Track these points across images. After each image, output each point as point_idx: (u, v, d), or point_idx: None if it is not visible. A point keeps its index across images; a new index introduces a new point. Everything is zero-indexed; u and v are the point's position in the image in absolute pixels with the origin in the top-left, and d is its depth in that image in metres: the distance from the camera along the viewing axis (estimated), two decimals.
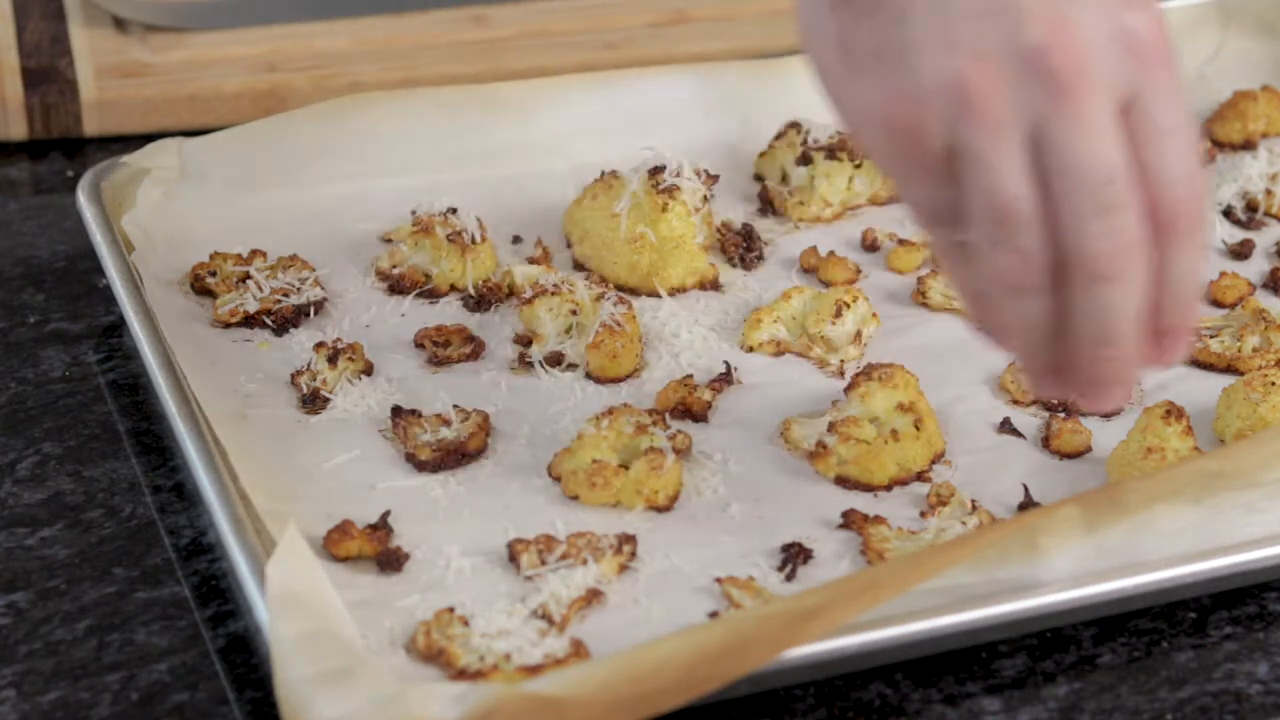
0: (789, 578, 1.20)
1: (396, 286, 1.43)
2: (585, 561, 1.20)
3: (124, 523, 1.26)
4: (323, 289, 1.42)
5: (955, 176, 1.05)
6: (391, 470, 1.28)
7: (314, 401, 1.32)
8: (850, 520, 1.24)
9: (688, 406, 1.33)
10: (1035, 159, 1.03)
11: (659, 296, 1.43)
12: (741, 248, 1.48)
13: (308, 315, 1.40)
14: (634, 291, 1.44)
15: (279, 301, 1.40)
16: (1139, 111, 1.05)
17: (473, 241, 1.43)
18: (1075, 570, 1.17)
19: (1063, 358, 1.08)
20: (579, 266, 1.47)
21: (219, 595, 1.21)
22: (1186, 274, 1.07)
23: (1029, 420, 1.33)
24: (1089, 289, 1.05)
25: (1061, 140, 1.03)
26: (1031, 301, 1.06)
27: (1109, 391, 1.10)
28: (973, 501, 1.25)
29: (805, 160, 1.52)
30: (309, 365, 1.35)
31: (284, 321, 1.39)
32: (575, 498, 1.26)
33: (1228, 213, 1.53)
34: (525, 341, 1.38)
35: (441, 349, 1.38)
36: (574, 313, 1.38)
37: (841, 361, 1.38)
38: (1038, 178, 1.04)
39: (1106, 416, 1.33)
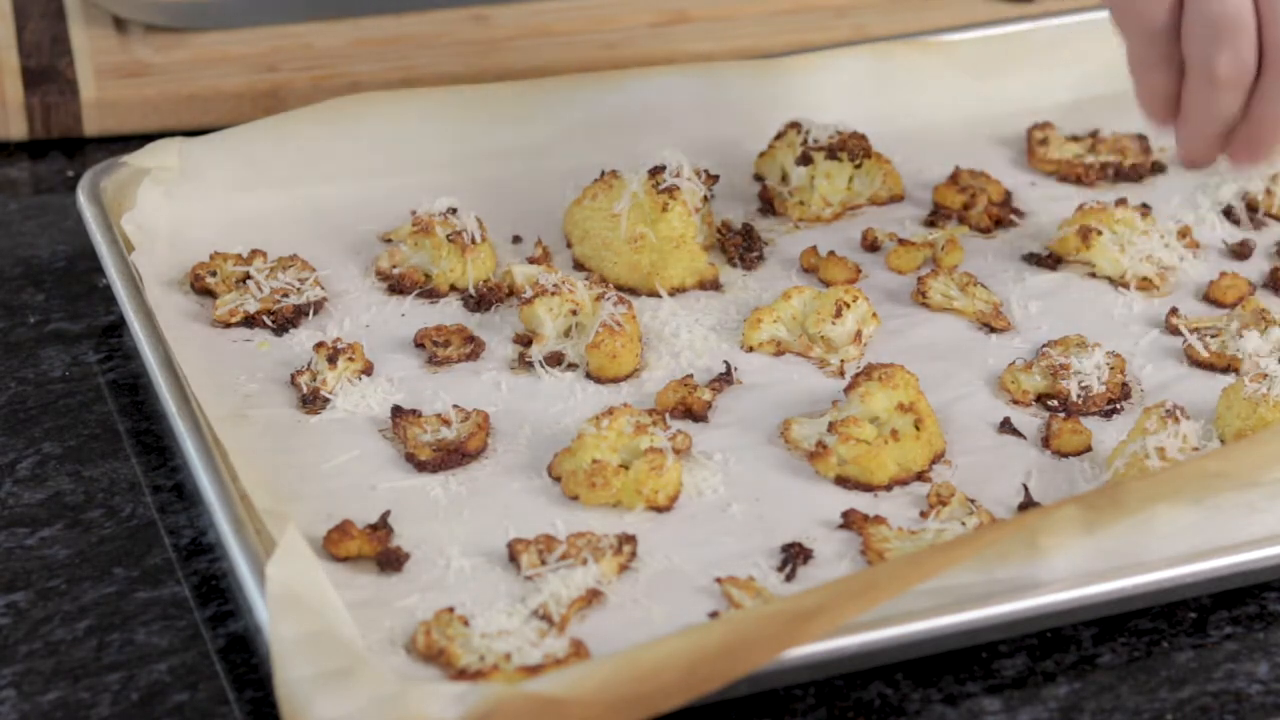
0: (789, 578, 1.20)
1: (396, 286, 1.43)
2: (585, 561, 1.20)
3: (124, 523, 1.26)
4: (323, 289, 1.42)
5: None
6: (391, 470, 1.28)
7: (314, 401, 1.32)
8: (850, 520, 1.24)
9: (688, 406, 1.33)
10: None
11: (659, 296, 1.43)
12: (741, 248, 1.48)
13: (308, 315, 1.40)
14: (634, 291, 1.44)
15: (279, 301, 1.40)
16: None
17: (473, 241, 1.43)
18: (1075, 570, 1.17)
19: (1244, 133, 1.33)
20: (579, 266, 1.46)
21: (219, 595, 1.21)
22: None
23: (1029, 420, 1.33)
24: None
25: None
26: (1235, 94, 1.30)
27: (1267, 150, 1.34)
28: (973, 501, 1.25)
29: (805, 160, 1.52)
30: (309, 365, 1.35)
31: (284, 321, 1.39)
32: (575, 498, 1.26)
33: (1228, 212, 1.53)
34: (525, 341, 1.38)
35: (441, 349, 1.38)
36: (574, 313, 1.38)
37: (841, 361, 1.38)
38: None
39: (1106, 417, 1.33)
